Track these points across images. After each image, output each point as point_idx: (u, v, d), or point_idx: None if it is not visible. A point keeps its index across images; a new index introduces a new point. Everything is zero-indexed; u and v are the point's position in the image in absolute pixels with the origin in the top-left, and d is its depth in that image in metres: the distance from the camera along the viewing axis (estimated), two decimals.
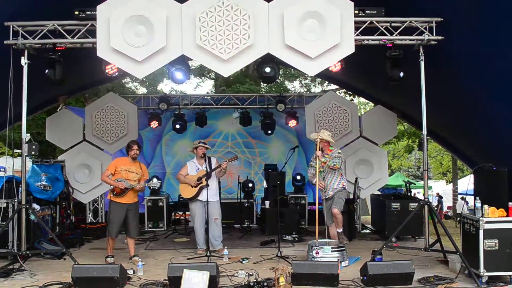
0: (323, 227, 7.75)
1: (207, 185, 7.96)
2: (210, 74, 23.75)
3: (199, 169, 8.18)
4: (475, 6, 6.52)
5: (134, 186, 7.42)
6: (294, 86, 25.05)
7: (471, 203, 6.59)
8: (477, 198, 6.25)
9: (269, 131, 12.74)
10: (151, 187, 7.49)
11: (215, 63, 7.21)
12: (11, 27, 7.25)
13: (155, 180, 7.56)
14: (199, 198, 8.07)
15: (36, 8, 7.31)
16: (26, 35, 7.31)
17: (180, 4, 7.13)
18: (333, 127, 10.76)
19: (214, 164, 8.24)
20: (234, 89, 18.44)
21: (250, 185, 11.87)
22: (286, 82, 24.37)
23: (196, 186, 8.08)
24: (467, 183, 7.46)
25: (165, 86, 25.07)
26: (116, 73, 8.50)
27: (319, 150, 7.63)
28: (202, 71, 23.30)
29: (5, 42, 7.19)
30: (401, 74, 7.56)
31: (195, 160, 8.33)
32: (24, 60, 7.23)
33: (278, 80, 20.38)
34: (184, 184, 8.21)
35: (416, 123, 10.86)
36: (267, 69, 7.73)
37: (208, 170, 8.06)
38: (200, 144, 8.25)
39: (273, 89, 20.83)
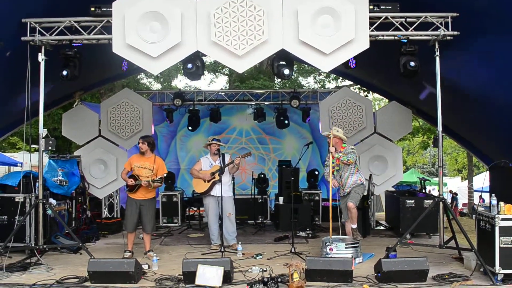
0: (336, 223, 7.74)
1: (220, 180, 8.00)
2: (224, 70, 23.78)
3: (213, 165, 8.23)
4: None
5: (140, 182, 7.47)
6: (308, 82, 24.99)
7: (487, 200, 6.54)
8: (493, 195, 6.19)
9: (283, 127, 12.73)
10: (154, 184, 7.50)
11: (230, 59, 7.23)
12: (28, 23, 7.34)
13: (158, 178, 7.55)
14: (212, 193, 8.14)
15: (52, 4, 7.38)
16: (43, 31, 7.38)
17: (194, 0, 7.15)
18: (347, 123, 10.74)
19: (227, 160, 8.27)
20: (248, 85, 18.43)
21: (264, 179, 11.86)
22: (300, 78, 24.29)
23: (209, 181, 8.13)
24: (482, 180, 7.41)
25: (180, 82, 25.18)
26: (126, 67, 8.51)
27: (332, 146, 7.61)
28: (216, 67, 23.32)
29: (22, 38, 7.29)
30: (416, 69, 7.50)
31: (209, 156, 8.39)
32: (41, 57, 7.31)
33: (292, 76, 20.33)
34: (197, 179, 8.27)
35: (431, 119, 10.77)
36: (286, 71, 7.70)
37: (222, 165, 8.11)
38: (213, 142, 8.30)
39: (287, 85, 20.77)
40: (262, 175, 11.90)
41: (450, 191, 22.83)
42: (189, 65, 7.87)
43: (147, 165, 7.58)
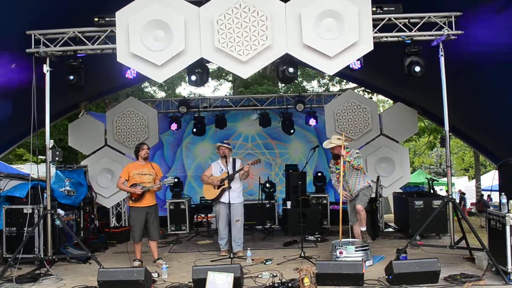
0: (346, 226, 7.71)
1: (229, 187, 7.98)
2: (227, 76, 23.82)
3: (223, 170, 8.20)
4: None
5: (150, 187, 7.49)
6: (313, 86, 25.00)
7: (494, 199, 6.49)
8: (503, 193, 6.15)
9: (289, 132, 12.71)
10: (167, 184, 7.56)
11: (234, 65, 7.22)
12: (32, 35, 7.38)
13: (169, 178, 7.63)
14: (221, 200, 8.11)
15: (56, 16, 7.42)
16: (47, 43, 7.43)
17: (197, 8, 7.16)
18: (353, 125, 10.71)
19: (238, 165, 8.25)
20: (253, 90, 18.44)
21: (271, 185, 11.86)
22: (304, 82, 24.31)
23: (218, 188, 8.11)
24: (490, 179, 7.37)
25: (184, 90, 25.24)
26: (135, 75, 8.63)
27: (343, 149, 7.51)
28: (220, 73, 23.37)
29: (27, 50, 7.33)
30: (421, 70, 7.47)
31: (220, 161, 8.38)
32: (46, 68, 7.35)
33: (296, 80, 20.35)
34: (207, 185, 8.26)
35: (437, 119, 10.74)
36: (291, 69, 7.66)
37: (232, 171, 8.10)
38: (220, 144, 8.30)
39: (291, 89, 20.79)
40: (270, 184, 11.87)
41: (460, 191, 22.72)
42: (193, 77, 8.02)
43: (147, 171, 7.62)
